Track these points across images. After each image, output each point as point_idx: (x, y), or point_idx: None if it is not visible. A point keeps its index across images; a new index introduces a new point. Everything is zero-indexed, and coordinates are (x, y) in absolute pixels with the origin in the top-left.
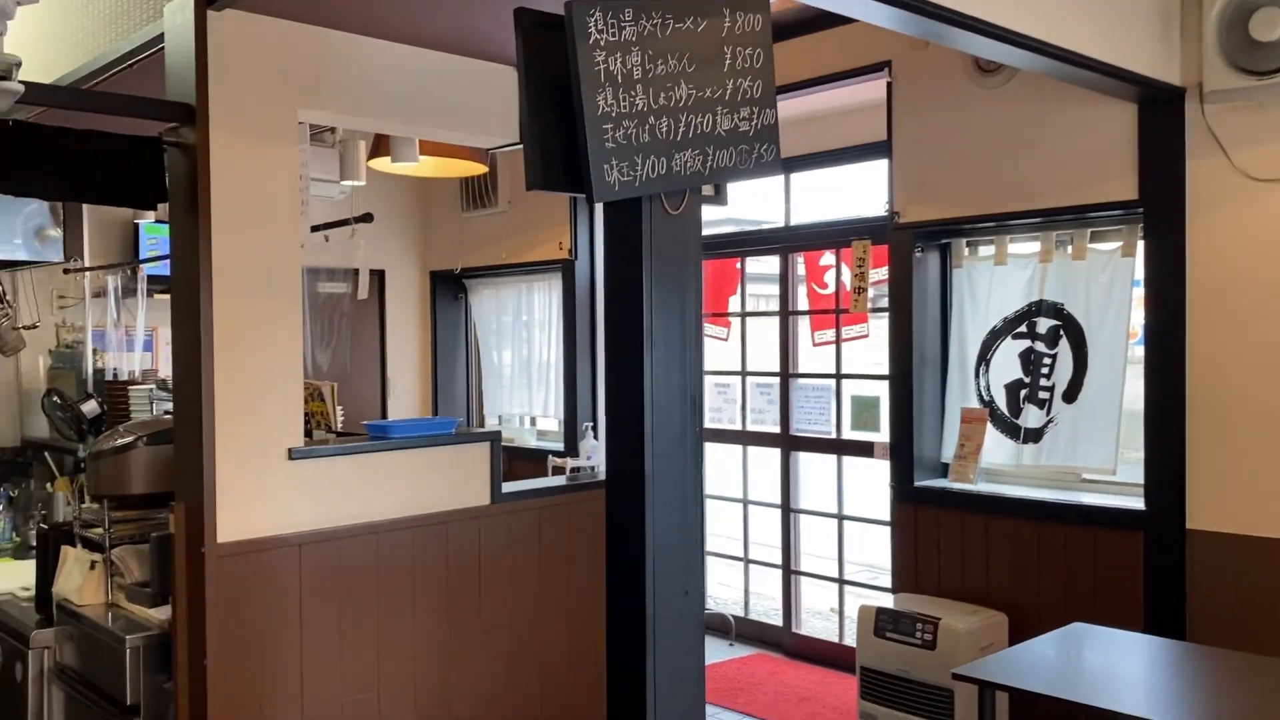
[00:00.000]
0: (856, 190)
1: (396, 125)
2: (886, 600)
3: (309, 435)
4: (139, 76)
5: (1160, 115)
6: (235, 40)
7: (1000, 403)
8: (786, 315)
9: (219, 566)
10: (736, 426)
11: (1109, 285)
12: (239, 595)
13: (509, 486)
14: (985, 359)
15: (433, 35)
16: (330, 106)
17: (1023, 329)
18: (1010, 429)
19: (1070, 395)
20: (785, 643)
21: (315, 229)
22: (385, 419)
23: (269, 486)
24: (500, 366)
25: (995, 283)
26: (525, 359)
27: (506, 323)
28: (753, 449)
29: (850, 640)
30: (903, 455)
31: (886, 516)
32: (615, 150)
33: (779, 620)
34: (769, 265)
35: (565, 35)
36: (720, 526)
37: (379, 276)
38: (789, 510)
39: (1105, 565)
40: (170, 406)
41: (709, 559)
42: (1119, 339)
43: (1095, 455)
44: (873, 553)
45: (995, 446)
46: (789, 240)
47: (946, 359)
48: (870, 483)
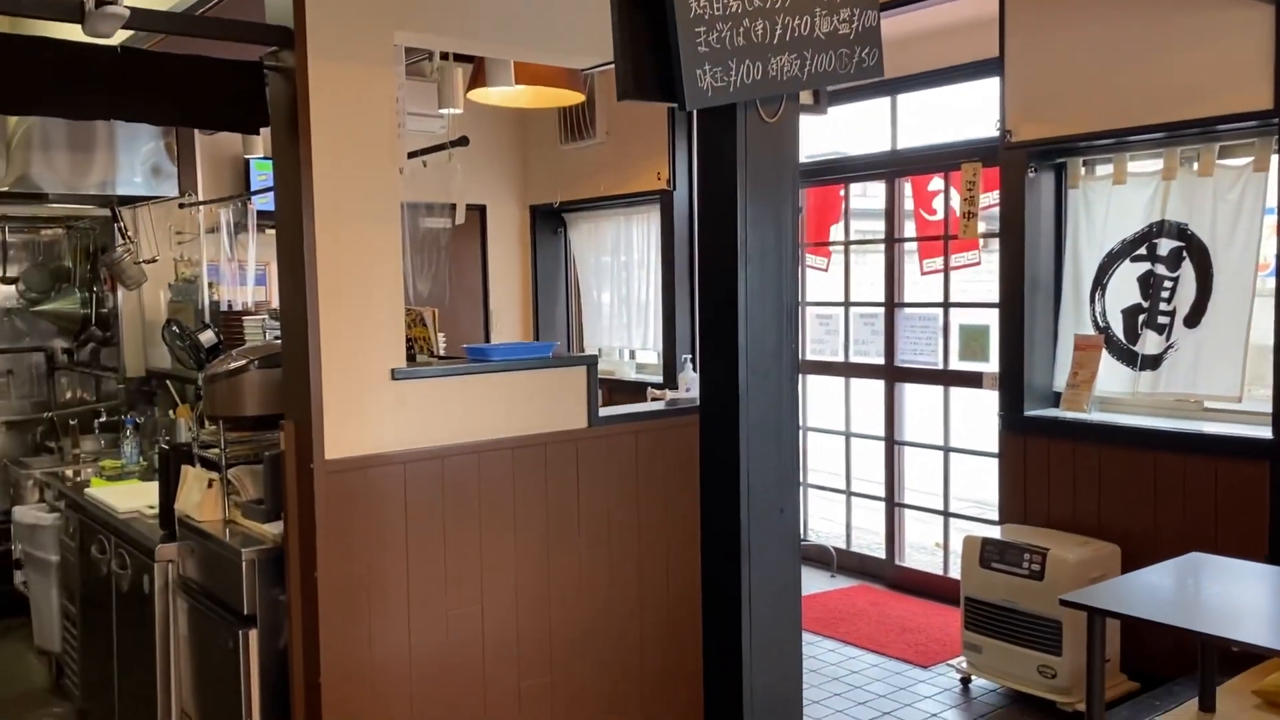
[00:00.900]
0: (965, 111)
1: (491, 46)
2: (992, 533)
3: (411, 360)
4: (242, 3)
5: None
6: None
7: (1116, 329)
8: (892, 243)
9: (327, 483)
10: (839, 358)
11: (1238, 203)
12: (347, 511)
13: (606, 411)
14: (1101, 284)
15: None
16: (425, 27)
17: (1142, 251)
18: (1126, 356)
19: (1193, 320)
20: (887, 575)
21: (413, 155)
22: None
23: (373, 406)
24: (599, 300)
25: (1113, 203)
26: (624, 293)
27: (606, 252)
28: (855, 381)
29: (955, 573)
30: (1012, 384)
31: (992, 449)
32: (708, 55)
33: (881, 553)
34: (873, 201)
35: None
36: (821, 461)
37: (480, 211)
38: (893, 443)
39: (1227, 496)
40: (280, 336)
41: (810, 492)
42: (1249, 259)
43: (1220, 382)
44: (977, 488)
45: (1110, 374)
46: (895, 165)
47: (1060, 285)
48: (976, 415)
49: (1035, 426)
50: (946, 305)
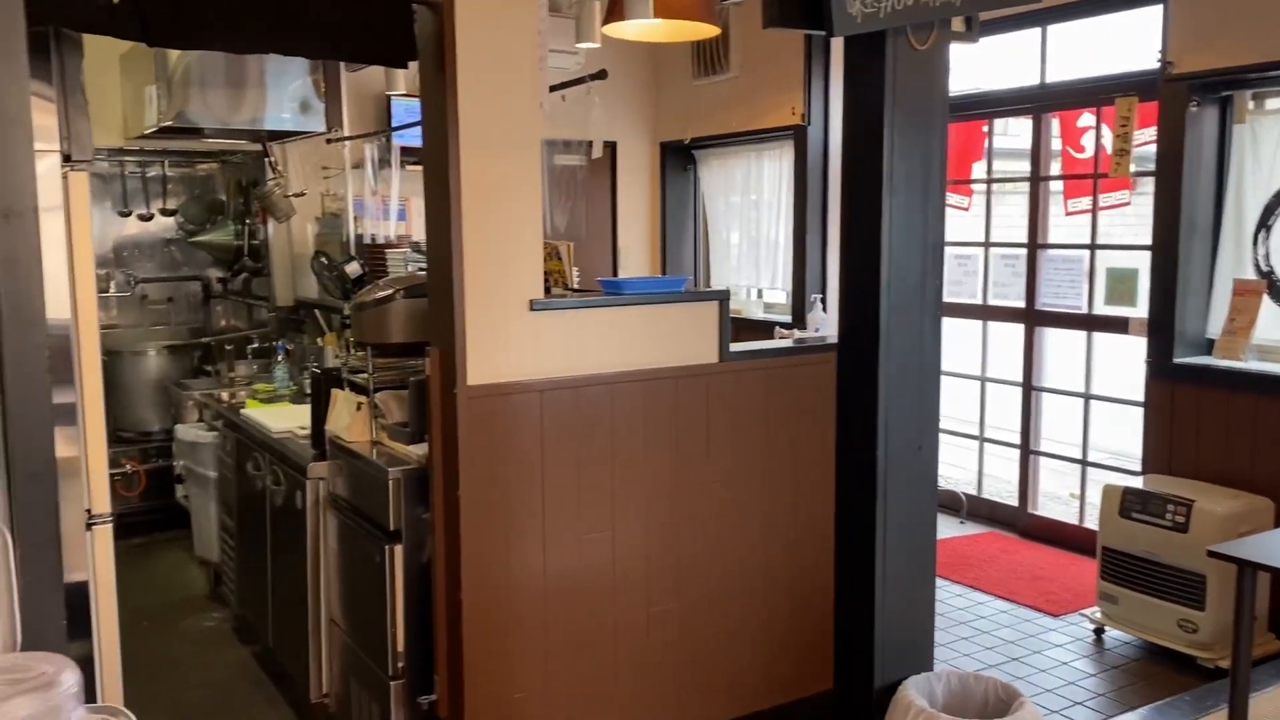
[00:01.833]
0: (1120, 43)
1: None
2: (1133, 484)
3: (546, 293)
4: None
5: None
6: None
7: None
8: (1037, 182)
9: (469, 408)
10: (976, 301)
11: None
12: (487, 435)
13: (737, 347)
14: (1266, 225)
15: None
16: None
17: None
18: None
19: None
20: (1020, 523)
21: (553, 89)
22: None
23: (512, 335)
24: (727, 238)
25: None
26: (754, 231)
27: (736, 190)
28: (993, 324)
29: (1091, 524)
30: (1163, 330)
31: (1135, 397)
32: None
33: (1013, 501)
34: (1015, 139)
35: None
36: (953, 406)
37: (611, 148)
38: (1030, 389)
39: None
40: (422, 267)
41: (941, 437)
42: None
43: None
44: (1117, 438)
45: (1272, 321)
46: (1043, 99)
47: (1219, 227)
48: (1121, 362)
49: (1186, 374)
50: (1093, 247)
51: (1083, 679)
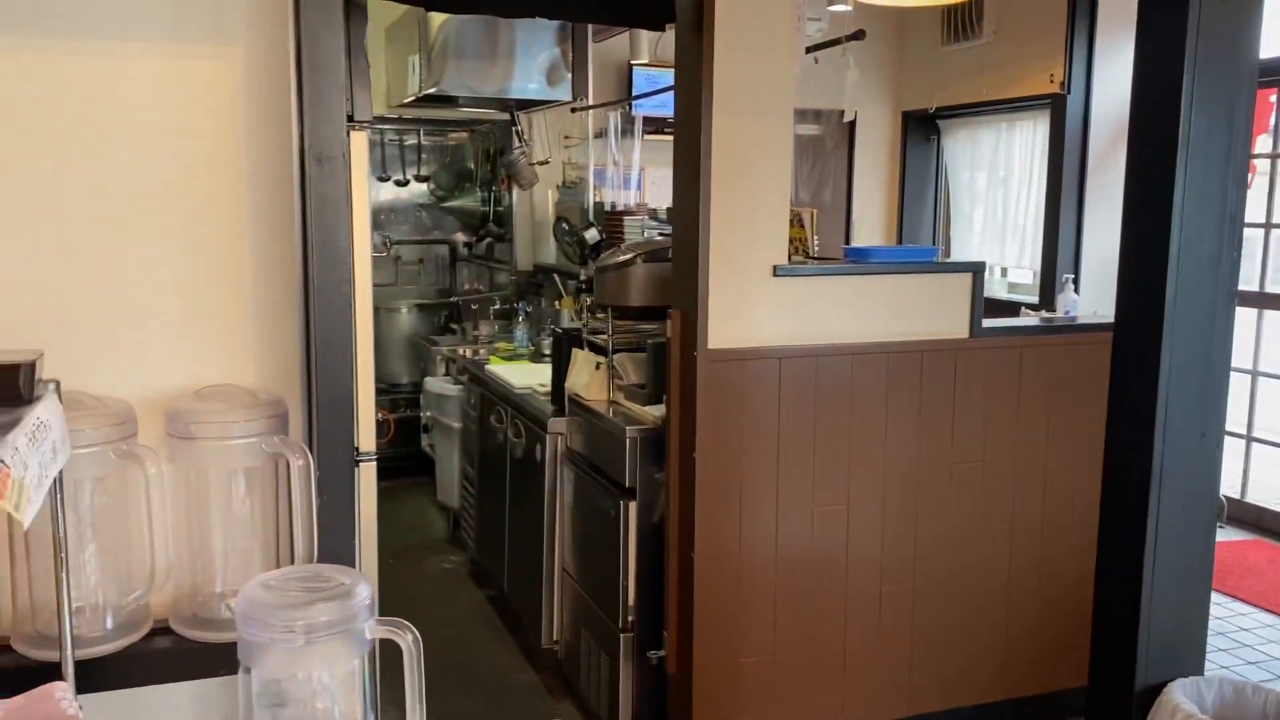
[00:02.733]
0: None
1: None
2: None
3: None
4: None
5: None
6: None
7: None
8: None
9: (708, 371)
10: (1253, 288)
11: None
12: (724, 399)
13: (990, 322)
14: None
15: None
16: None
17: None
18: None
19: None
20: None
21: (808, 50)
22: None
23: (754, 301)
24: (970, 212)
25: None
26: (1001, 205)
27: (983, 163)
28: (1270, 313)
29: None
30: None
31: None
32: None
33: None
34: None
35: None
36: None
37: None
38: None
39: None
40: (658, 234)
41: None
42: None
43: None
44: None
45: None
46: None
47: None
48: None
49: None
50: None
51: None
